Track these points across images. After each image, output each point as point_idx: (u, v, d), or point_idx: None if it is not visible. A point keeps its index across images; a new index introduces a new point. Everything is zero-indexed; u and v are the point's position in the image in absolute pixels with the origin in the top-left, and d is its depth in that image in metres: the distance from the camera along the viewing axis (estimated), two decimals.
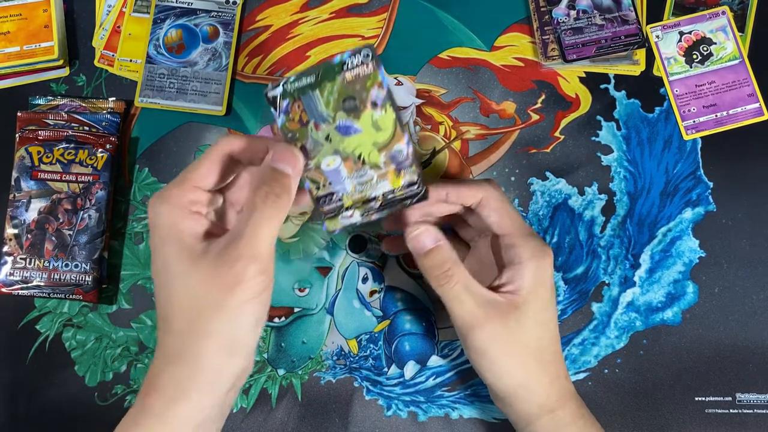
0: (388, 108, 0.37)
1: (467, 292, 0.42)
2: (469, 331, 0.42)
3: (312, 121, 0.38)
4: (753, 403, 0.54)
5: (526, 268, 0.43)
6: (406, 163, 0.39)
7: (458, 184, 0.43)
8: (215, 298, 0.36)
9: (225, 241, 0.37)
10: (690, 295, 0.56)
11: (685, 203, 0.57)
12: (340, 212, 0.41)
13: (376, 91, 0.37)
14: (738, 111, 0.58)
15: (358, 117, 0.38)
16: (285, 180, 0.38)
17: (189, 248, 0.37)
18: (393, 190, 0.40)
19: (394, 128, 0.38)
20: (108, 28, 0.59)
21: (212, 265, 0.36)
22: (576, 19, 0.57)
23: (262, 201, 0.37)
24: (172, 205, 0.38)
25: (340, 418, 0.54)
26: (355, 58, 0.36)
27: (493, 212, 0.43)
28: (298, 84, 0.37)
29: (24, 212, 0.54)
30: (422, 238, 0.42)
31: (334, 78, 0.37)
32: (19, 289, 0.53)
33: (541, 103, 0.58)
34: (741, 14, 0.59)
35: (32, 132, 0.55)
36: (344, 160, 0.39)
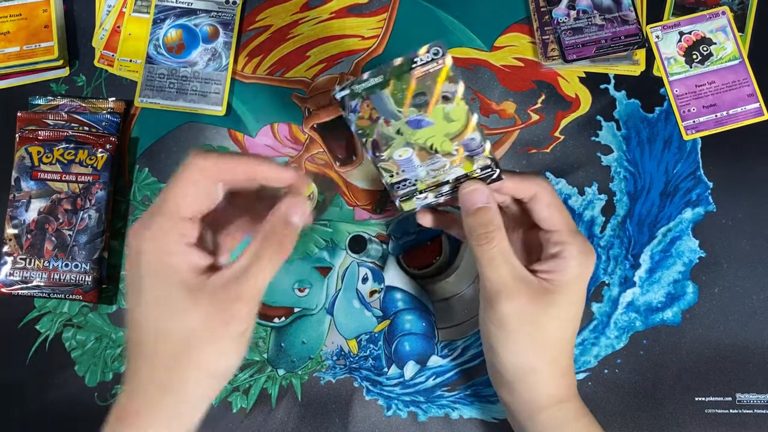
0: (461, 101, 0.38)
1: (503, 258, 0.42)
2: (495, 297, 0.42)
3: (382, 118, 0.39)
4: (753, 403, 0.54)
5: (570, 263, 0.43)
6: (479, 150, 0.40)
7: (514, 176, 0.43)
8: (210, 333, 0.37)
9: (226, 279, 0.37)
10: (690, 295, 0.56)
11: (685, 203, 0.57)
12: (414, 195, 0.43)
13: (447, 85, 0.37)
14: (738, 111, 0.58)
15: (429, 111, 0.38)
16: (295, 232, 0.39)
17: (186, 283, 0.37)
18: (466, 174, 0.41)
19: (467, 118, 0.39)
20: (108, 28, 0.59)
21: (212, 301, 0.37)
22: (576, 19, 0.57)
23: (271, 251, 0.38)
24: (161, 239, 0.37)
25: (340, 418, 0.54)
26: (425, 55, 0.37)
27: (545, 207, 0.43)
28: (366, 85, 0.38)
29: (24, 212, 0.54)
30: (475, 195, 0.42)
31: (402, 76, 0.37)
32: (19, 289, 0.53)
33: (541, 103, 0.58)
34: (741, 14, 0.59)
35: (32, 132, 0.55)
36: (416, 150, 0.40)
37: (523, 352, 0.43)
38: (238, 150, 0.58)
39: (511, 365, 0.44)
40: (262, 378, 0.55)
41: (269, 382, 0.55)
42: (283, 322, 0.56)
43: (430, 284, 0.56)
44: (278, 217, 0.39)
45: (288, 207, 0.39)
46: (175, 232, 0.38)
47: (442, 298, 0.56)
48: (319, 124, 0.58)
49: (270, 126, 0.58)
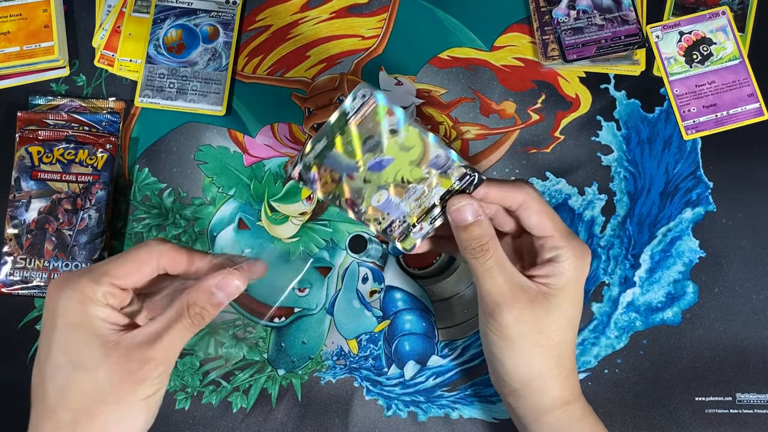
0: (408, 126, 0.38)
1: (500, 268, 0.42)
2: (495, 308, 0.42)
3: (340, 175, 0.39)
4: (753, 403, 0.54)
5: (566, 266, 0.43)
6: (449, 163, 0.40)
7: (500, 185, 0.43)
8: (119, 392, 0.37)
9: (141, 338, 0.37)
10: (690, 295, 0.56)
11: (685, 203, 0.57)
12: (409, 231, 0.43)
13: (388, 120, 0.37)
14: (738, 111, 0.58)
15: (384, 150, 0.39)
16: (218, 307, 0.39)
17: (102, 337, 0.37)
18: (448, 190, 0.41)
19: (422, 141, 0.39)
20: (108, 28, 0.59)
21: (123, 358, 0.37)
22: (576, 19, 0.57)
23: (190, 316, 0.38)
24: (84, 295, 0.37)
25: (340, 418, 0.54)
26: (353, 102, 0.37)
27: (534, 215, 0.43)
28: (314, 153, 0.38)
29: (24, 212, 0.54)
30: (464, 210, 0.42)
31: (343, 130, 0.37)
32: (19, 289, 0.53)
33: (541, 103, 0.58)
34: (741, 14, 0.59)
35: (32, 132, 0.55)
36: (391, 189, 0.40)
37: (528, 360, 0.43)
38: (239, 151, 0.58)
39: (516, 373, 0.44)
40: (262, 378, 0.55)
41: (269, 382, 0.55)
42: (283, 322, 0.56)
43: (430, 284, 0.56)
44: (204, 289, 0.39)
45: (217, 282, 0.39)
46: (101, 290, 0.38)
47: (442, 298, 0.56)
48: (319, 124, 0.58)
49: (270, 126, 0.58)
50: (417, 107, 0.58)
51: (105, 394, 0.36)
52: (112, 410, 0.37)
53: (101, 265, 0.39)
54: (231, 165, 0.58)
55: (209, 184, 0.57)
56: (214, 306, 0.39)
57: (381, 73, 0.59)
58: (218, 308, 0.40)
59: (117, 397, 0.37)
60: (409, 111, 0.58)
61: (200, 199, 0.57)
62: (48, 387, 0.37)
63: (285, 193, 0.57)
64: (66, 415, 0.37)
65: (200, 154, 0.58)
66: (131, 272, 0.39)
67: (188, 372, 0.55)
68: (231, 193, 0.57)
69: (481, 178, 0.42)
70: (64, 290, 0.38)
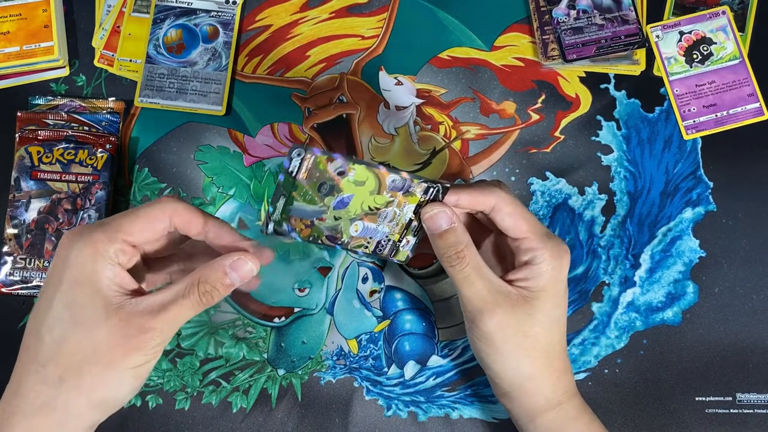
0: (353, 165, 0.40)
1: (478, 275, 0.42)
2: (477, 315, 0.43)
3: (311, 220, 0.41)
4: (753, 403, 0.54)
5: (543, 268, 0.43)
6: (407, 183, 0.41)
7: (470, 190, 0.43)
8: (112, 355, 0.36)
9: (145, 306, 0.37)
10: (690, 295, 0.56)
11: (685, 203, 0.57)
12: (397, 247, 0.44)
13: (331, 165, 0.39)
14: (738, 111, 0.58)
15: (341, 191, 0.40)
16: (229, 288, 0.39)
17: (106, 298, 0.36)
18: (418, 204, 0.42)
19: (373, 172, 0.40)
20: (108, 28, 0.59)
21: (124, 323, 0.36)
22: (576, 19, 0.57)
23: (198, 294, 0.38)
24: (96, 250, 0.37)
25: (340, 418, 0.54)
26: (292, 162, 0.39)
27: (507, 217, 0.43)
28: (279, 210, 0.40)
29: (24, 212, 0.54)
30: (438, 218, 0.42)
31: (296, 185, 0.39)
32: (19, 289, 0.53)
33: (541, 103, 0.58)
34: (741, 14, 0.59)
35: (32, 132, 0.55)
36: (363, 218, 0.42)
37: (516, 364, 0.43)
38: (239, 151, 0.58)
39: (506, 377, 0.44)
40: (262, 378, 0.55)
41: (269, 382, 0.55)
42: (283, 322, 0.56)
43: (430, 284, 0.56)
44: (218, 268, 0.39)
45: (233, 263, 0.39)
46: (114, 246, 0.37)
47: (442, 298, 0.56)
48: (319, 124, 0.58)
49: (270, 126, 0.58)
50: (417, 107, 0.58)
51: (98, 355, 0.36)
52: (100, 373, 0.36)
53: (114, 219, 0.38)
54: (231, 165, 0.58)
55: (209, 184, 0.57)
56: (225, 286, 0.39)
57: (381, 73, 0.59)
58: (229, 289, 0.39)
59: (109, 360, 0.36)
60: (410, 111, 0.58)
61: (200, 199, 0.57)
62: (44, 339, 0.37)
63: None
64: (55, 371, 0.36)
65: (200, 154, 0.58)
66: (144, 228, 0.38)
67: (188, 372, 0.55)
68: (231, 193, 0.57)
69: (446, 186, 0.42)
70: (77, 243, 0.37)
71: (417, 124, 0.58)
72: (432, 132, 0.58)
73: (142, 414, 0.54)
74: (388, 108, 0.58)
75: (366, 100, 0.58)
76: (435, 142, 0.58)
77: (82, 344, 0.36)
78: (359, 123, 0.58)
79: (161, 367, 0.55)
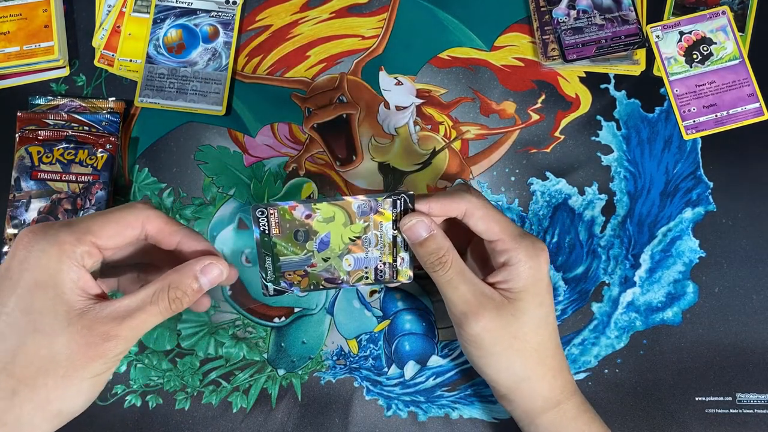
0: (315, 206, 0.41)
1: (462, 278, 0.43)
2: (463, 319, 0.43)
3: (303, 269, 0.43)
4: (753, 403, 0.54)
5: (520, 268, 0.43)
6: (371, 205, 0.42)
7: (440, 198, 0.43)
8: (72, 364, 0.34)
9: (108, 312, 0.35)
10: (690, 295, 0.56)
11: (685, 203, 0.57)
12: (395, 267, 0.45)
13: (296, 212, 0.41)
14: (738, 111, 0.58)
15: (316, 232, 0.42)
16: (197, 293, 0.38)
17: (68, 303, 0.34)
18: (393, 221, 0.43)
19: (337, 206, 0.42)
20: (108, 28, 0.59)
21: (87, 330, 0.34)
22: (576, 19, 0.57)
23: (168, 300, 0.36)
24: (62, 251, 0.34)
25: (340, 418, 0.54)
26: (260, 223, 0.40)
27: (479, 221, 0.43)
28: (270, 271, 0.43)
29: (24, 212, 0.54)
30: (417, 228, 0.42)
31: (271, 242, 0.41)
32: None
33: (541, 103, 0.58)
34: (741, 14, 0.59)
35: (32, 132, 0.55)
36: (350, 251, 0.43)
37: (508, 366, 0.44)
38: (239, 151, 0.58)
39: (501, 380, 0.44)
40: (262, 378, 0.55)
41: (269, 382, 0.55)
42: (283, 322, 0.56)
43: (430, 284, 0.56)
44: (188, 273, 0.37)
45: (203, 268, 0.38)
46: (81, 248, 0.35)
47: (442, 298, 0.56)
48: (319, 124, 0.58)
49: (270, 126, 0.58)
50: (417, 107, 0.58)
51: (56, 365, 0.34)
52: (58, 384, 0.34)
53: (84, 220, 0.36)
54: (231, 165, 0.58)
55: (209, 184, 0.57)
56: (195, 291, 0.37)
57: (381, 73, 0.59)
58: (198, 294, 0.38)
59: (68, 369, 0.34)
60: (410, 111, 0.58)
61: (200, 199, 0.57)
62: None
63: (285, 193, 0.57)
64: (7, 382, 0.33)
65: (200, 154, 0.58)
66: (115, 234, 0.36)
67: (188, 372, 0.55)
68: (231, 193, 0.57)
69: (409, 194, 0.42)
70: (40, 242, 0.34)
71: (417, 124, 0.58)
72: (432, 132, 0.58)
73: (142, 414, 0.54)
74: (388, 108, 0.58)
75: (366, 100, 0.58)
76: (435, 142, 0.58)
77: (40, 353, 0.34)
78: (359, 123, 0.58)
79: (161, 367, 0.55)
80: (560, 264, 0.56)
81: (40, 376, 0.34)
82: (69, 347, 0.34)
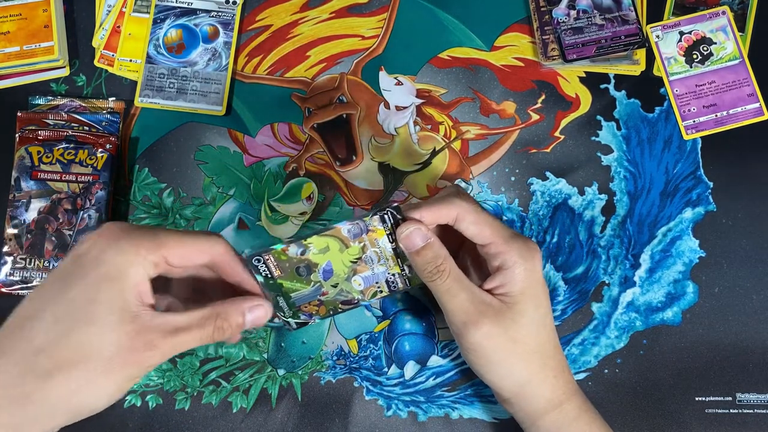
0: (306, 242, 0.41)
1: (460, 286, 0.43)
2: (463, 329, 0.43)
3: (316, 299, 0.43)
4: (753, 403, 0.54)
5: (515, 271, 0.43)
6: (360, 227, 0.42)
7: (431, 206, 0.43)
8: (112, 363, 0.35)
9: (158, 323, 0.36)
10: (690, 295, 0.56)
11: (685, 203, 0.57)
12: (405, 277, 0.45)
13: (290, 252, 0.41)
14: (738, 111, 0.58)
15: (317, 264, 0.42)
16: (240, 327, 0.40)
17: (125, 303, 0.36)
18: (387, 235, 0.43)
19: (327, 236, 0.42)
20: (108, 28, 0.59)
21: (135, 333, 0.35)
22: (576, 19, 0.57)
23: (209, 330, 0.38)
24: (136, 254, 0.36)
25: (340, 418, 0.54)
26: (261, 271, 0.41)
27: (471, 225, 0.43)
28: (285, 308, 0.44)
29: (24, 212, 0.54)
30: (413, 236, 0.42)
31: (276, 284, 0.42)
32: (19, 289, 0.53)
33: (541, 103, 0.58)
34: (741, 14, 0.59)
35: (32, 132, 0.55)
36: (356, 272, 0.43)
37: (510, 371, 0.44)
38: (239, 151, 0.58)
39: (503, 385, 0.44)
40: (262, 378, 0.55)
41: (269, 382, 0.55)
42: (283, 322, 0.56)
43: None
44: (237, 306, 0.39)
45: (249, 304, 0.40)
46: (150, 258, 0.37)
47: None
48: (319, 124, 0.58)
49: (270, 126, 0.58)
50: (417, 107, 0.58)
51: (97, 358, 0.35)
52: (90, 378, 0.35)
53: (163, 232, 0.38)
54: (231, 165, 0.58)
55: (209, 184, 0.57)
56: (238, 326, 0.39)
57: (381, 73, 0.59)
58: (239, 330, 0.40)
59: (107, 366, 0.35)
60: (409, 111, 0.58)
61: (200, 199, 0.57)
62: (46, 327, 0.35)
63: (285, 193, 0.57)
64: (46, 363, 0.34)
65: (200, 154, 0.58)
66: (186, 255, 0.38)
67: (188, 372, 0.55)
68: (231, 193, 0.57)
69: (393, 206, 0.42)
70: (121, 240, 0.36)
71: (417, 124, 0.58)
72: (432, 132, 0.58)
73: (142, 414, 0.54)
74: (388, 108, 0.58)
75: (366, 100, 0.58)
76: (435, 142, 0.58)
77: (88, 344, 0.35)
78: (359, 123, 0.58)
79: (161, 367, 0.55)
80: (560, 264, 0.56)
81: (79, 365, 0.34)
82: (115, 344, 0.35)
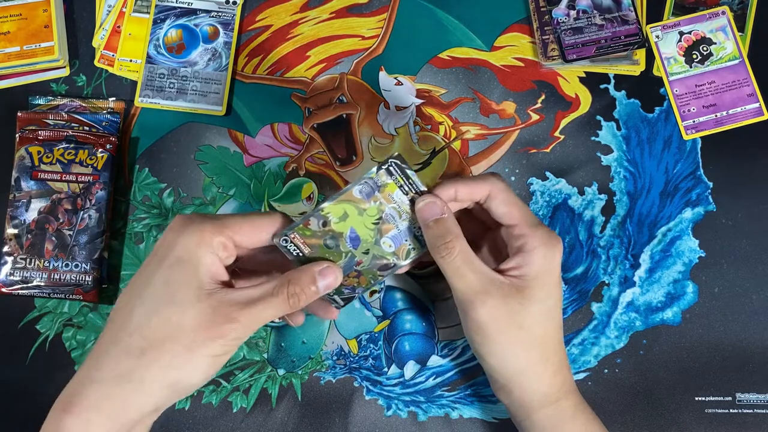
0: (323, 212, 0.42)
1: (468, 265, 0.43)
2: (468, 306, 0.43)
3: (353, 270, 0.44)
4: (753, 403, 0.54)
5: (535, 255, 0.43)
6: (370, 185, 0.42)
7: (466, 181, 0.44)
8: (195, 338, 0.37)
9: (233, 297, 0.39)
10: (690, 295, 0.56)
11: (685, 203, 0.57)
12: None
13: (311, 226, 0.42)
14: (738, 111, 0.58)
15: (341, 233, 0.42)
16: (314, 295, 0.41)
17: (200, 282, 0.38)
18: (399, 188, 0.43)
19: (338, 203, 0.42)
20: (108, 28, 0.59)
21: (212, 309, 0.38)
22: (576, 19, 0.57)
23: (285, 297, 0.39)
24: (202, 237, 0.39)
25: (340, 418, 0.54)
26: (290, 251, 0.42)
27: (501, 204, 0.44)
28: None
29: (24, 212, 0.54)
30: (429, 207, 0.43)
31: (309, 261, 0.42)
32: (19, 289, 0.53)
33: (541, 103, 0.58)
34: (741, 14, 0.59)
35: (32, 132, 0.55)
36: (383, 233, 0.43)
37: (509, 355, 0.43)
38: (239, 151, 0.58)
39: (500, 369, 0.44)
40: (262, 378, 0.55)
41: (269, 382, 0.55)
42: (284, 322, 0.56)
43: (430, 284, 0.56)
44: (307, 272, 0.41)
45: (322, 270, 0.41)
46: (218, 238, 0.39)
47: (442, 298, 0.56)
48: (319, 124, 0.58)
49: (270, 126, 0.58)
50: (417, 107, 0.58)
51: (182, 335, 0.37)
52: (180, 353, 0.37)
53: (226, 216, 0.41)
54: (231, 165, 0.58)
55: (209, 184, 0.57)
56: (311, 292, 0.40)
57: (381, 73, 0.59)
58: (314, 296, 0.41)
59: (191, 342, 0.37)
60: (409, 111, 0.58)
61: (200, 199, 0.57)
62: (135, 311, 0.38)
63: (285, 193, 0.57)
64: (139, 342, 0.37)
65: (200, 154, 0.58)
66: (249, 233, 0.41)
67: None
68: (231, 193, 0.57)
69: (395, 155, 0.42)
70: (188, 227, 0.39)
71: (417, 124, 0.58)
72: (432, 132, 0.58)
73: None
74: (388, 108, 0.58)
75: (366, 100, 0.58)
76: (435, 142, 0.58)
77: (171, 321, 0.37)
78: (359, 123, 0.58)
79: None
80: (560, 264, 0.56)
81: (167, 341, 0.37)
82: (195, 321, 0.37)
